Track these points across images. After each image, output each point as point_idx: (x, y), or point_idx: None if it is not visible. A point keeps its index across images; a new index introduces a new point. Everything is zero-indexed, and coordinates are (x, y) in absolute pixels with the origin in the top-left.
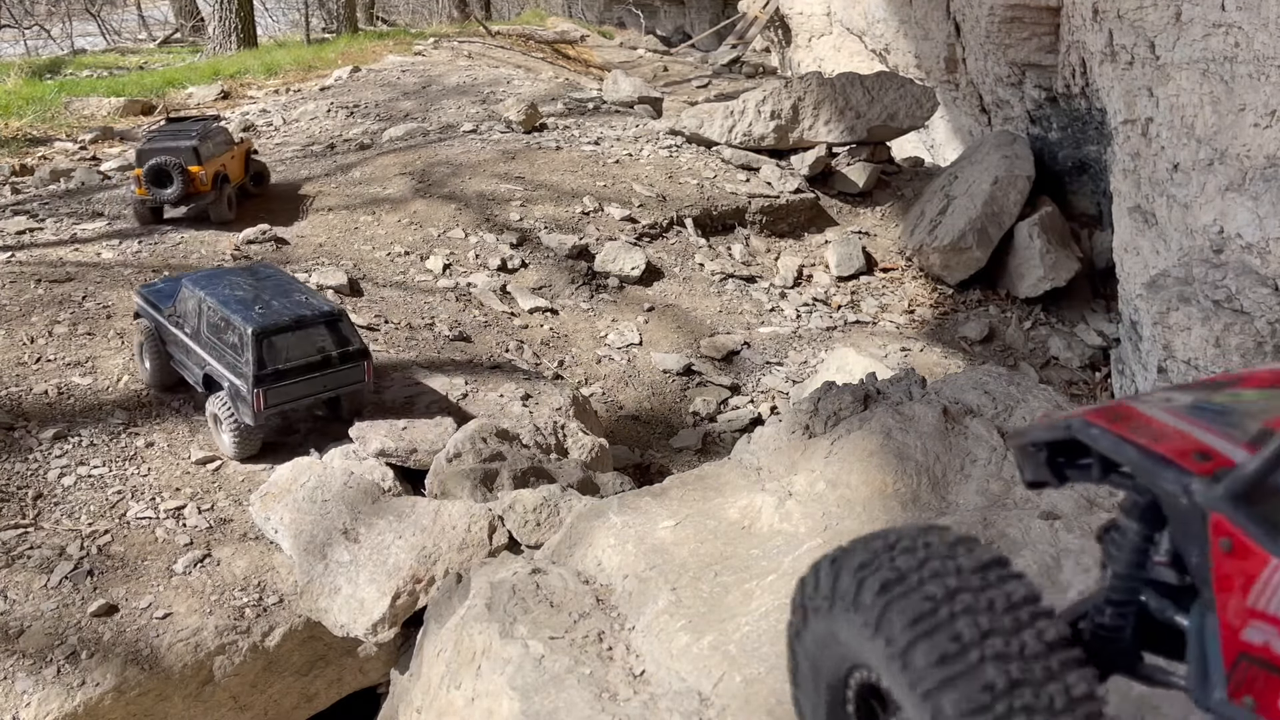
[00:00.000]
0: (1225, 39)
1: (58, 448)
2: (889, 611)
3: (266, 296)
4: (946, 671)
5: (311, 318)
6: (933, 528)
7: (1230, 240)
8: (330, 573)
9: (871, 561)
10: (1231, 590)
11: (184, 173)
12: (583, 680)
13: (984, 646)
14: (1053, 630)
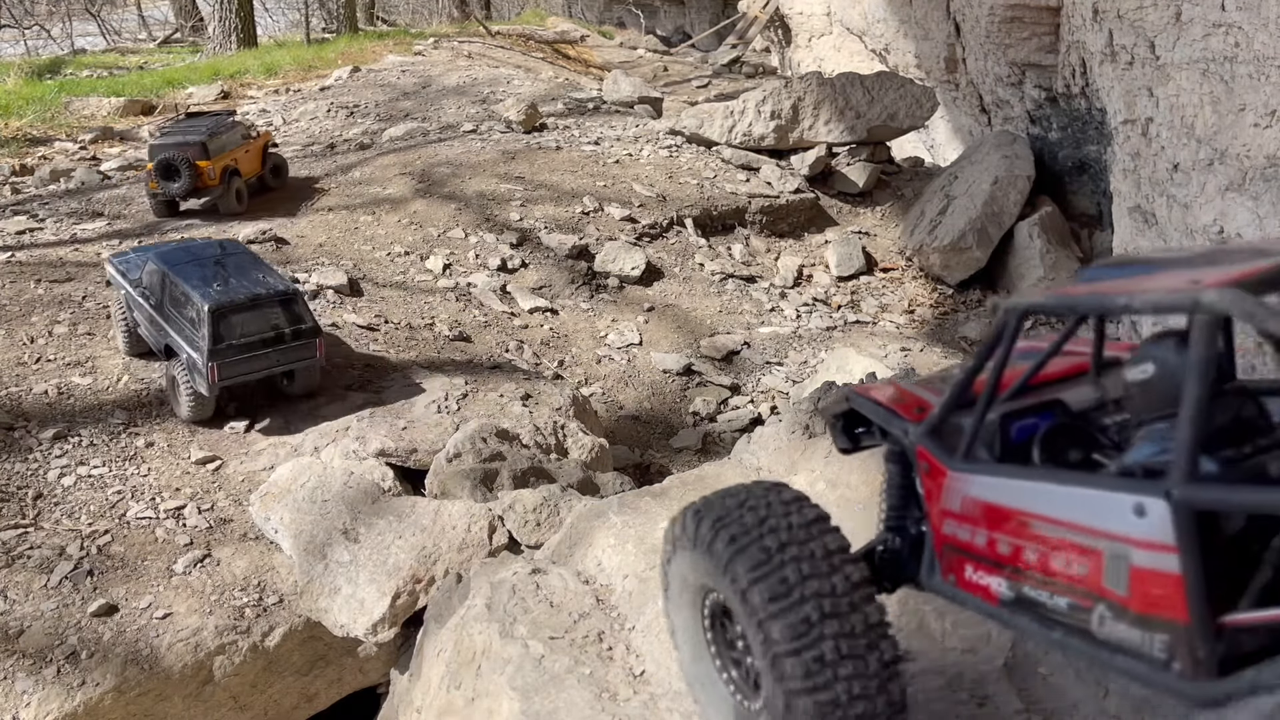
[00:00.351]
0: (1225, 39)
1: (58, 448)
2: (735, 559)
3: (226, 274)
4: (776, 607)
5: (266, 296)
6: (775, 487)
7: (1230, 240)
8: (330, 573)
9: (725, 516)
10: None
11: (191, 167)
12: (583, 680)
13: (804, 587)
14: (856, 573)
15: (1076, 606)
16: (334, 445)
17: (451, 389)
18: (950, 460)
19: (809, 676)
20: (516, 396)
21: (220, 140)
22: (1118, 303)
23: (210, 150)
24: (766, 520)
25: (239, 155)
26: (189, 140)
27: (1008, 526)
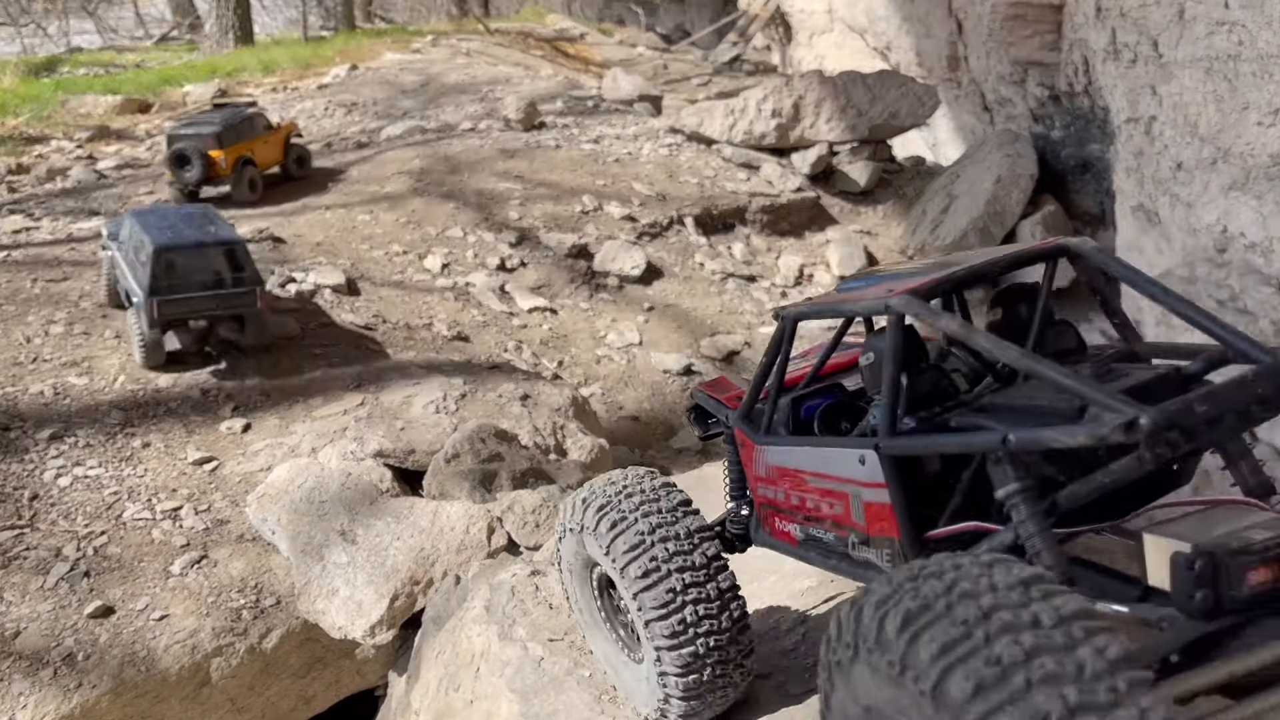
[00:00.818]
0: (1229, 37)
1: (54, 448)
2: (614, 541)
3: (181, 226)
4: (646, 581)
5: (210, 243)
6: (647, 474)
7: (1234, 240)
8: (328, 574)
9: (605, 505)
10: (749, 469)
11: (204, 157)
12: (582, 683)
13: (671, 563)
14: (712, 549)
15: (839, 538)
16: (331, 446)
17: (450, 389)
18: (756, 436)
19: (675, 636)
20: (515, 397)
21: (235, 131)
22: (845, 309)
23: (223, 140)
24: (641, 505)
25: (256, 146)
26: (203, 131)
27: (794, 483)
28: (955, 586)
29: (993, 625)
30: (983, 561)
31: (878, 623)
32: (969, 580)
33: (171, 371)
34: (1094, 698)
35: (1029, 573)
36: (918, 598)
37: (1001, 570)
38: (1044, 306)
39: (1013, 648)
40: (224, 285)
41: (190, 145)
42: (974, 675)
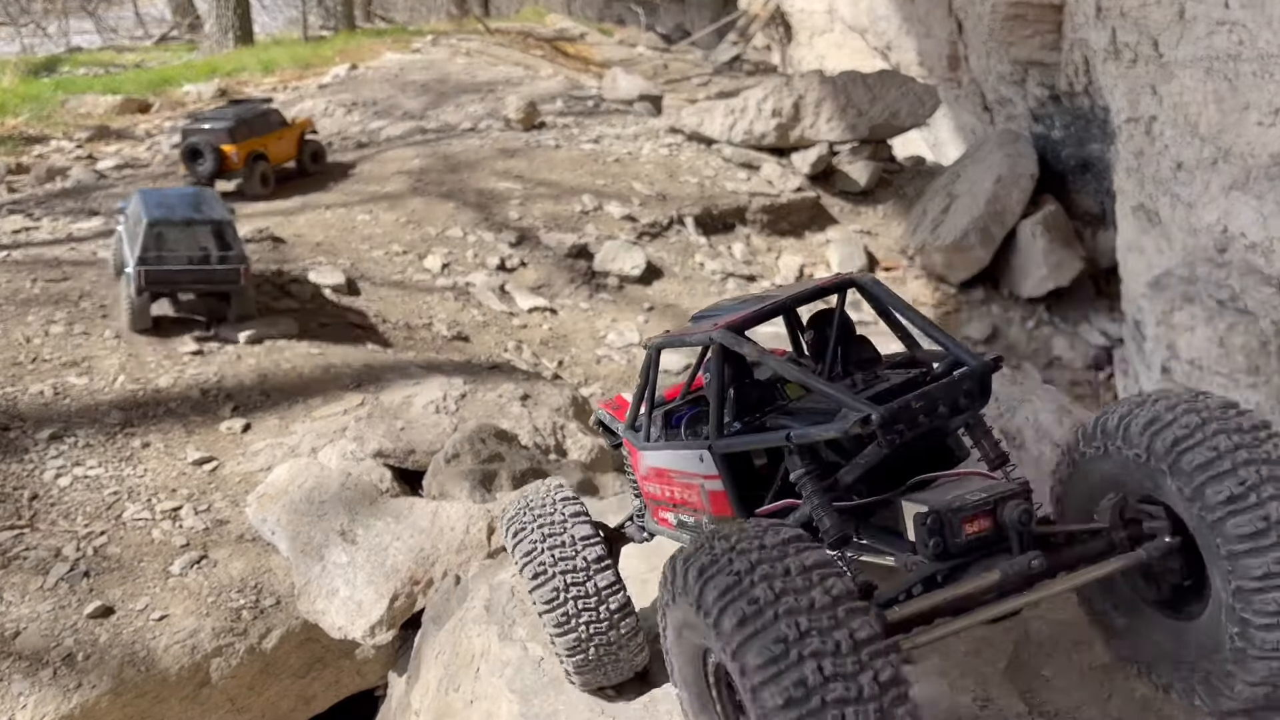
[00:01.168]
0: (1229, 37)
1: (54, 448)
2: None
3: (177, 204)
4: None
5: (200, 220)
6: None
7: (1234, 239)
8: (328, 574)
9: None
10: (636, 470)
11: (216, 151)
12: None
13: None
14: (599, 549)
15: (698, 520)
16: (331, 446)
17: (450, 389)
18: (638, 443)
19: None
20: (515, 397)
21: (248, 126)
22: (688, 341)
23: (236, 135)
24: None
25: (269, 141)
26: (216, 126)
27: (665, 480)
28: (736, 547)
29: (756, 575)
30: (760, 527)
31: (684, 573)
32: (746, 542)
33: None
34: (819, 624)
35: (789, 535)
36: (710, 555)
37: (771, 534)
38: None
39: (766, 591)
40: (209, 261)
41: (203, 139)
42: (739, 612)
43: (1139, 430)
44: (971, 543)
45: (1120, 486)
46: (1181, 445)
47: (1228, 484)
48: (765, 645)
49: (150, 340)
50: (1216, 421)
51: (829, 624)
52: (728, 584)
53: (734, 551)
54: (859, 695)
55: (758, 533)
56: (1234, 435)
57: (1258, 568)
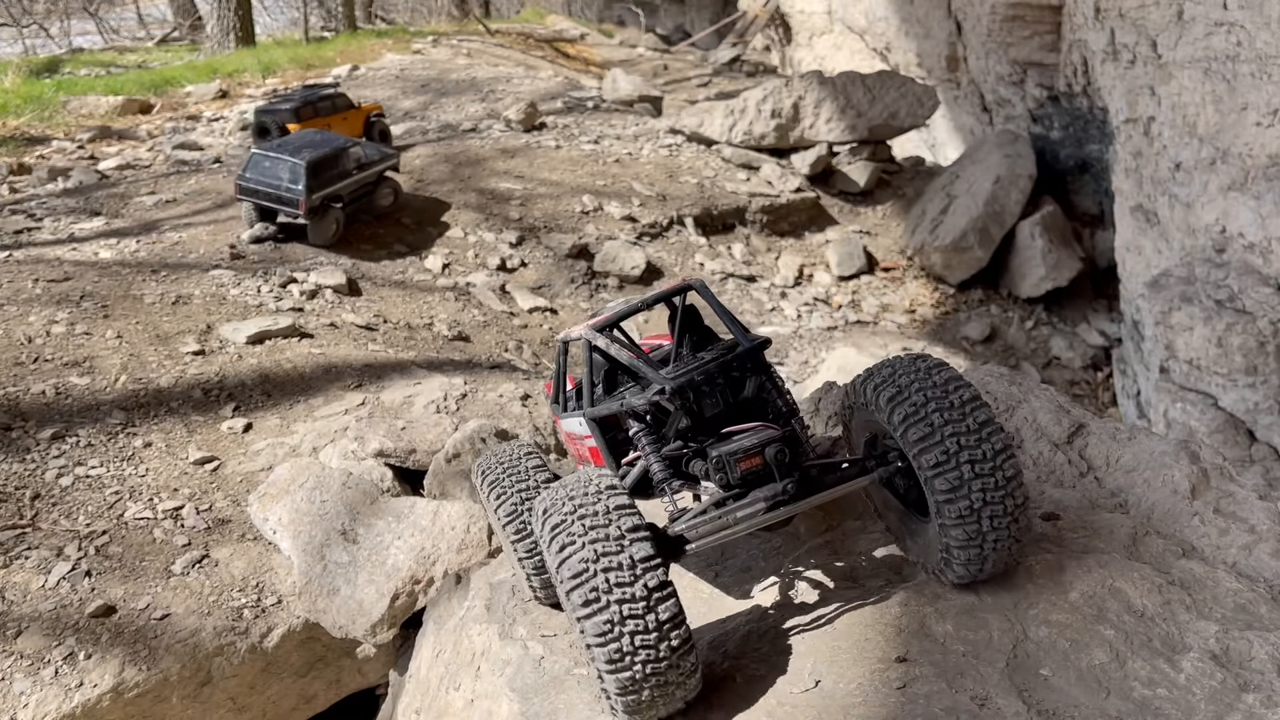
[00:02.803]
0: (1227, 38)
1: (55, 448)
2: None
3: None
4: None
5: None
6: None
7: (1232, 240)
8: (329, 574)
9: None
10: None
11: (282, 129)
12: (582, 682)
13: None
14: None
15: None
16: (332, 445)
17: (450, 389)
18: (560, 412)
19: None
20: (516, 396)
21: (313, 107)
22: (570, 336)
23: (301, 115)
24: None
25: (333, 122)
26: (282, 107)
27: (573, 440)
28: (569, 494)
29: (576, 514)
30: (588, 480)
31: (538, 512)
32: (576, 488)
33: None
34: (611, 549)
35: (605, 485)
36: (551, 499)
37: (593, 485)
38: (683, 319)
39: (580, 526)
40: (279, 189)
41: (270, 119)
42: (561, 541)
43: (872, 390)
44: (747, 476)
45: (870, 429)
46: (894, 401)
47: (921, 427)
48: (574, 564)
49: (151, 340)
50: (918, 383)
51: (617, 549)
52: (557, 521)
53: (566, 497)
54: (634, 597)
55: (585, 484)
56: (929, 391)
57: (943, 485)
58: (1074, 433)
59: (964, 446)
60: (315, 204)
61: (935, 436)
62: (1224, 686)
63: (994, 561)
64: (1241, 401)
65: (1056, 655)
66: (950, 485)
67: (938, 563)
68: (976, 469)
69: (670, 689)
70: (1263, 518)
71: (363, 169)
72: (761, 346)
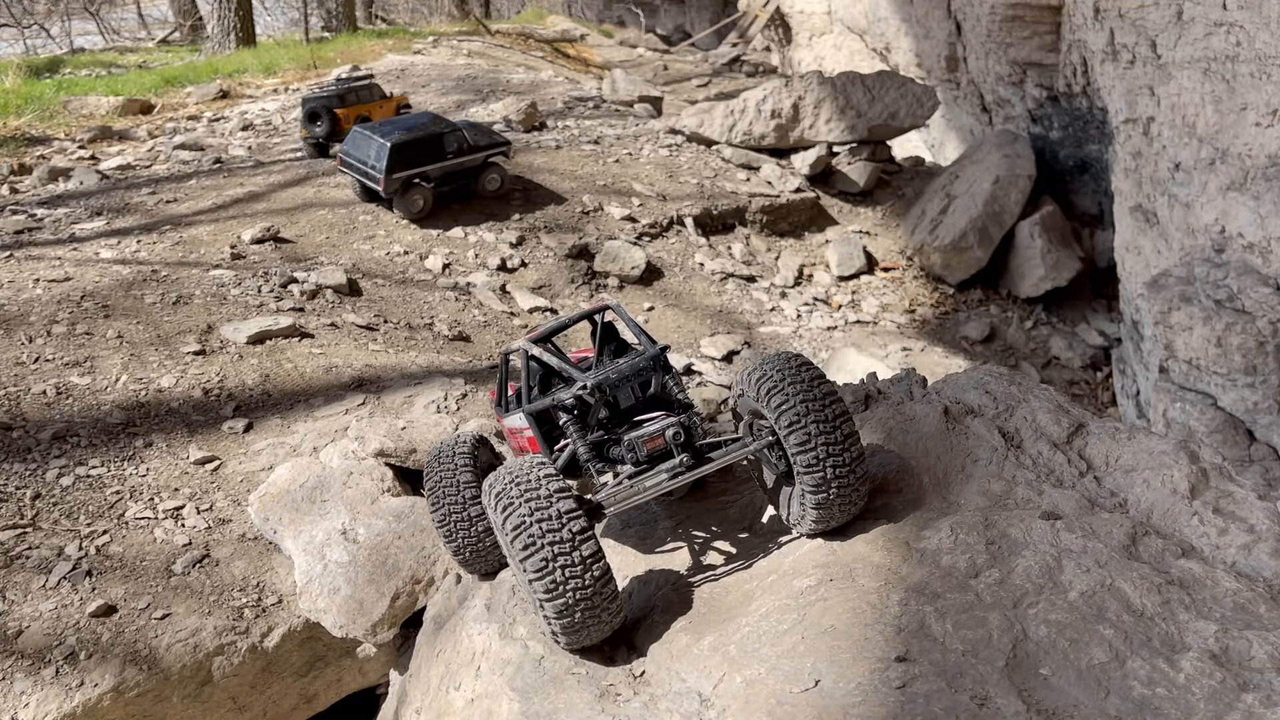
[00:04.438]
0: (1227, 38)
1: (56, 448)
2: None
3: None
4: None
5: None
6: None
7: (1232, 240)
8: (329, 573)
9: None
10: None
11: (331, 114)
12: (583, 681)
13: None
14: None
15: None
16: (333, 445)
17: (451, 389)
18: (501, 413)
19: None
20: None
21: (355, 94)
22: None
23: (346, 102)
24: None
25: (372, 109)
26: (329, 94)
27: (514, 435)
28: (512, 474)
29: (518, 492)
30: (529, 464)
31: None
32: (519, 471)
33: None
34: (543, 507)
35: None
36: (498, 480)
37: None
38: (603, 333)
39: (520, 492)
40: (368, 164)
41: (320, 105)
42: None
43: (754, 383)
44: (652, 454)
45: (751, 413)
46: (771, 392)
47: (790, 414)
48: (514, 519)
49: (152, 340)
50: (790, 378)
51: (547, 504)
52: (500, 490)
53: (507, 473)
54: (562, 539)
55: (522, 464)
56: (798, 384)
57: (805, 460)
58: (1073, 432)
59: (821, 431)
60: (396, 183)
61: (800, 422)
62: (1223, 686)
63: (838, 519)
64: (1241, 401)
65: (1056, 655)
66: (810, 460)
67: (799, 518)
68: (830, 449)
69: (598, 612)
70: (1262, 517)
71: (463, 154)
72: (663, 351)
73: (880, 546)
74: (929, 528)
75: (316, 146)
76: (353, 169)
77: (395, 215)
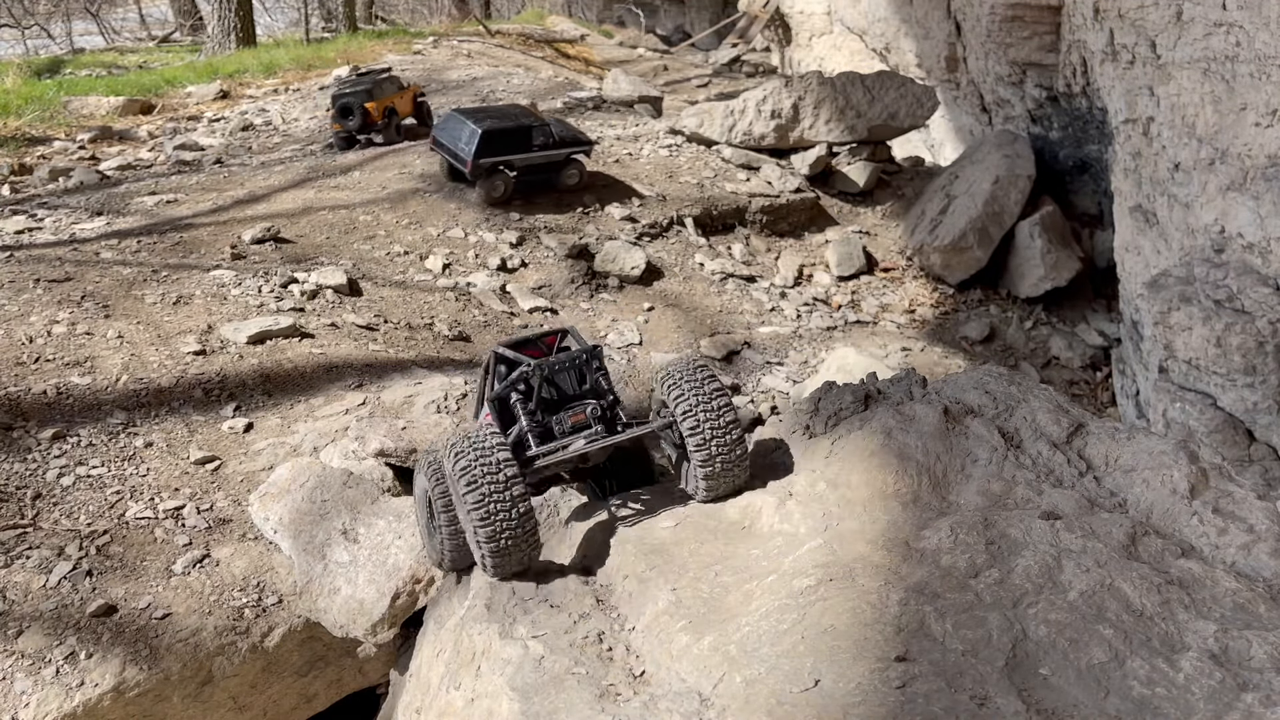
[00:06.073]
0: (1226, 38)
1: (56, 448)
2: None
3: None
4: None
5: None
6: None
7: (1231, 240)
8: (329, 573)
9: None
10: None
11: (362, 109)
12: (583, 681)
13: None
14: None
15: None
16: (333, 445)
17: (451, 389)
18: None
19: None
20: None
21: (381, 88)
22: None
23: (374, 95)
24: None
25: (396, 100)
26: (359, 89)
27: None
28: (464, 434)
29: (467, 445)
30: (481, 432)
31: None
32: (473, 437)
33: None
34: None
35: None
36: (453, 443)
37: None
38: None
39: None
40: (458, 148)
41: (353, 100)
42: (461, 472)
43: (660, 381)
44: (576, 426)
45: (660, 403)
46: (672, 390)
47: (684, 406)
48: (463, 463)
49: (152, 340)
50: (687, 379)
51: (494, 466)
52: (454, 443)
53: (462, 435)
54: (503, 493)
55: (479, 435)
56: (693, 384)
57: (696, 440)
58: (1073, 432)
59: (708, 418)
60: (481, 168)
61: (692, 411)
62: (1223, 686)
63: (723, 489)
64: (1240, 401)
65: (1056, 654)
66: (699, 441)
67: (695, 488)
68: (715, 432)
69: (519, 543)
70: (1261, 517)
71: (548, 148)
72: (595, 349)
73: (880, 546)
74: (929, 528)
75: (346, 139)
76: (444, 149)
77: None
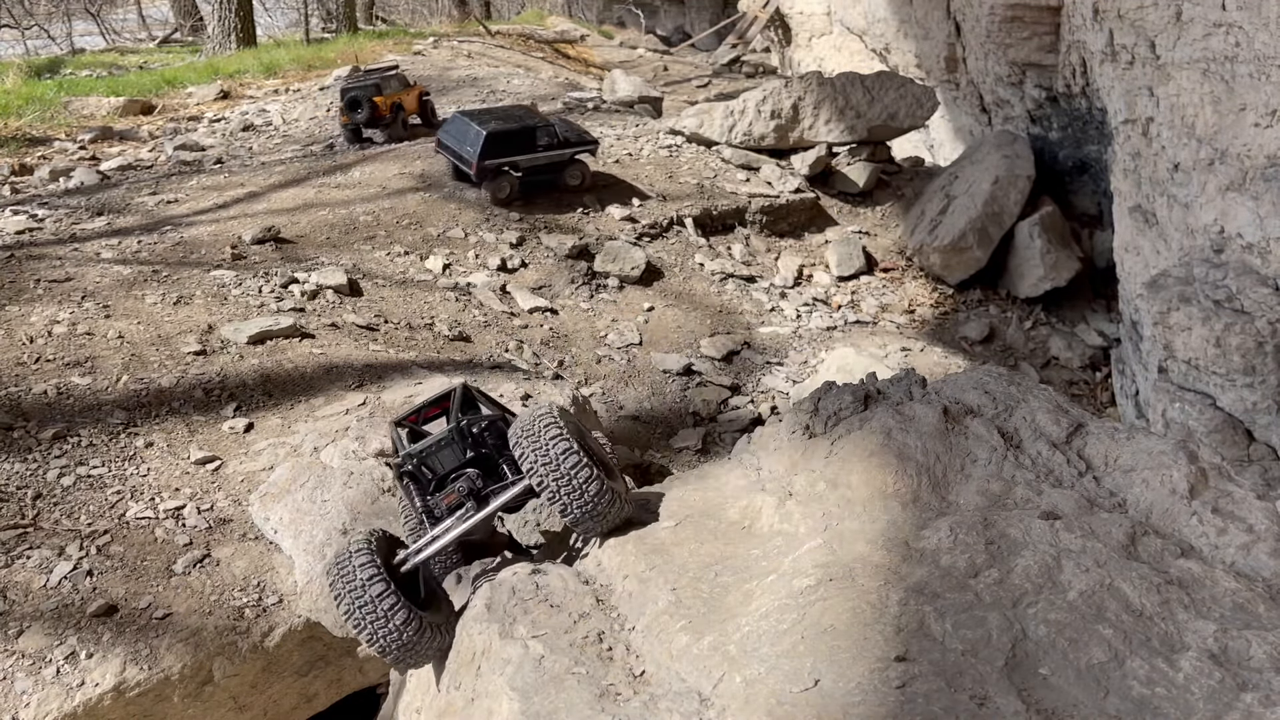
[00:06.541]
0: (1226, 38)
1: (57, 448)
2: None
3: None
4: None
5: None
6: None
7: (1231, 240)
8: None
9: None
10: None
11: (371, 103)
12: (583, 681)
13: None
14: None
15: None
16: (333, 445)
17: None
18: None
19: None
20: (516, 396)
21: (388, 84)
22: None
23: (382, 90)
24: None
25: (403, 97)
26: (367, 84)
27: None
28: (336, 555)
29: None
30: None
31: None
32: (340, 552)
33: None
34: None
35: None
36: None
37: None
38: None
39: (337, 575)
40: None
41: (361, 94)
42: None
43: (513, 438)
44: (448, 509)
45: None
46: (521, 456)
47: (535, 473)
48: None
49: (152, 340)
50: (528, 432)
51: (361, 585)
52: (327, 567)
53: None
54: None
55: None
56: (533, 436)
57: (553, 505)
58: (1073, 432)
59: (559, 483)
60: (487, 170)
61: (543, 480)
62: (1222, 685)
63: (593, 532)
64: (1240, 401)
65: (1055, 654)
66: (557, 502)
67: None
68: (570, 494)
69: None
70: (1261, 517)
71: (552, 148)
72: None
73: (880, 546)
74: (929, 528)
75: (354, 132)
76: (449, 151)
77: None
